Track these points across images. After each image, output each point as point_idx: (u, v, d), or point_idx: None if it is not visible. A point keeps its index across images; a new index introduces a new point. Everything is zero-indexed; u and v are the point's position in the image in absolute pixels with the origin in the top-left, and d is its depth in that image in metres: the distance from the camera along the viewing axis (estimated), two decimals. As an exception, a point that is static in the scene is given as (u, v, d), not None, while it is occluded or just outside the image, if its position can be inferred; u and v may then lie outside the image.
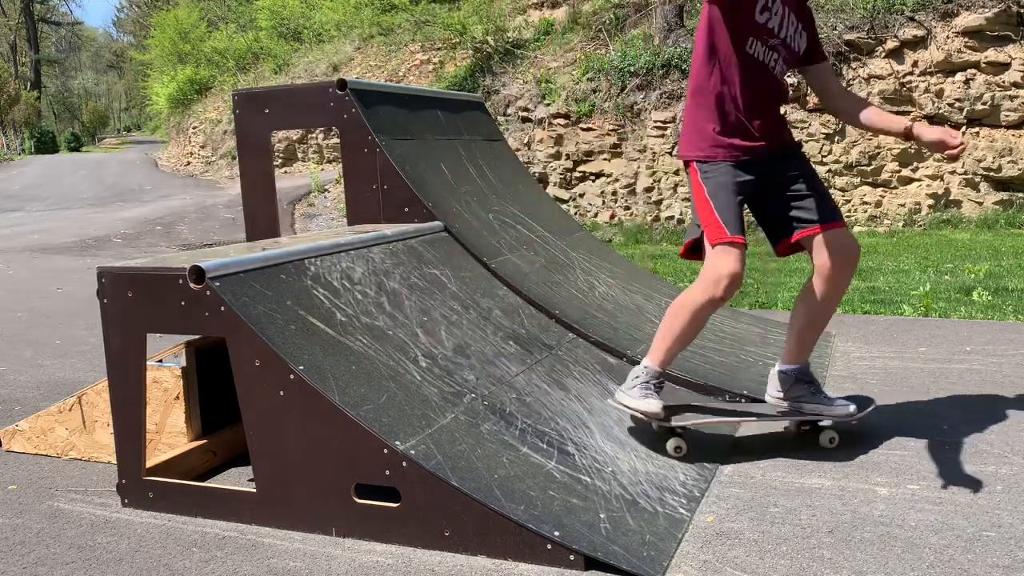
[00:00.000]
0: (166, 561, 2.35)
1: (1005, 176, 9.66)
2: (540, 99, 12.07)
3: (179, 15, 29.65)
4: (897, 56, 9.99)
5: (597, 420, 2.99)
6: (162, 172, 23.69)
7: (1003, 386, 3.66)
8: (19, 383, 4.35)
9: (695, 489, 2.65)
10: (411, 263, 3.38)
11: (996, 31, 9.61)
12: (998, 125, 9.70)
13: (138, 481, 2.71)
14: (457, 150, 4.60)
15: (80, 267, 8.84)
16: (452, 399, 2.71)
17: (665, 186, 11.09)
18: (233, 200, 14.90)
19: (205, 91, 25.72)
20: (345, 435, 2.39)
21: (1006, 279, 6.33)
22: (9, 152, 35.11)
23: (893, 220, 10.04)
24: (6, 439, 3.35)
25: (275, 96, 4.00)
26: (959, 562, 2.16)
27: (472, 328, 3.21)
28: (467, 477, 2.34)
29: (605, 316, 3.98)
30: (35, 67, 55.89)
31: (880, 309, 5.44)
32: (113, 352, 2.69)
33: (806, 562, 2.20)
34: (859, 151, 10.10)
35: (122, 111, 71.77)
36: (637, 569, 2.15)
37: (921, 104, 9.87)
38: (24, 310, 6.47)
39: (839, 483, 2.70)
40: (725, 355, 3.93)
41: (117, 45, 69.78)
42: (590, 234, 5.32)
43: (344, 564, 2.29)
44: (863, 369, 4.01)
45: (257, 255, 2.75)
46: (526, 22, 14.65)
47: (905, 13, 10.02)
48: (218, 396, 3.19)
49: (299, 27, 22.65)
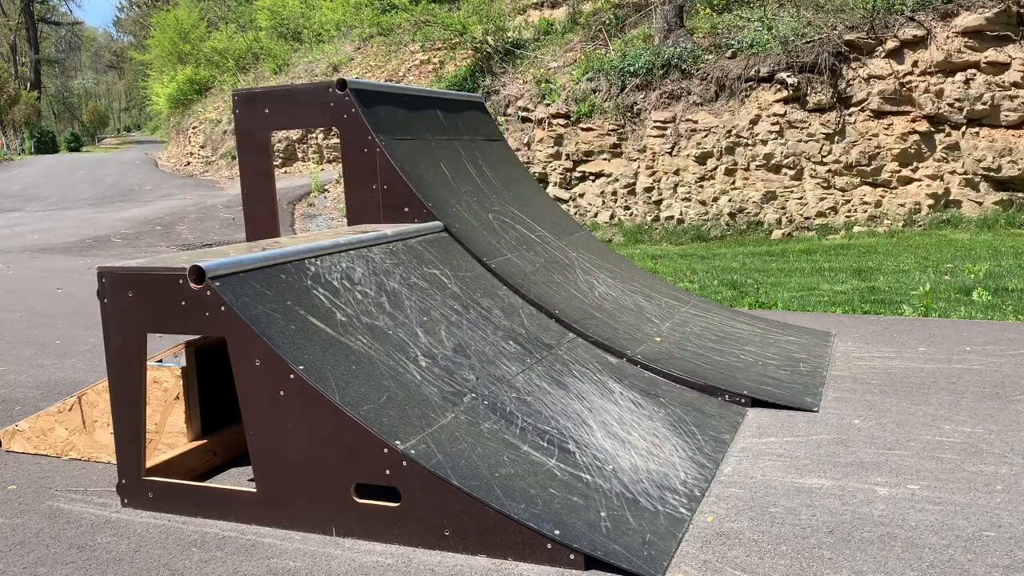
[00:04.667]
0: (166, 561, 2.35)
1: (1005, 176, 9.66)
2: (540, 99, 12.07)
3: (179, 15, 29.65)
4: (897, 56, 9.99)
5: (598, 418, 2.99)
6: (162, 172, 23.69)
7: (1003, 386, 3.66)
8: (19, 383, 4.35)
9: (695, 488, 2.65)
10: (411, 263, 3.38)
11: (996, 31, 9.61)
12: (998, 125, 9.70)
13: (138, 481, 2.71)
14: (457, 150, 4.60)
15: (80, 267, 8.84)
16: (452, 398, 2.71)
17: (665, 186, 11.09)
18: (233, 200, 14.90)
19: (205, 91, 25.73)
20: (345, 435, 2.39)
21: (1006, 279, 6.33)
22: (9, 152, 35.11)
23: (893, 220, 10.04)
24: (6, 439, 3.35)
25: (275, 96, 4.00)
26: (959, 562, 2.16)
27: (472, 328, 3.21)
28: (467, 476, 2.34)
29: (605, 316, 3.98)
30: (35, 67, 55.87)
31: (880, 309, 5.44)
32: (113, 352, 2.69)
33: (806, 562, 2.20)
34: (859, 151, 10.09)
35: (122, 111, 71.76)
36: (637, 568, 2.15)
37: (921, 104, 9.87)
38: (24, 310, 6.47)
39: (839, 483, 2.70)
40: (725, 355, 3.93)
41: (117, 45, 69.75)
42: (590, 234, 5.32)
43: (344, 564, 2.29)
44: (863, 369, 4.01)
45: (257, 255, 2.75)
46: (526, 22, 14.65)
47: (905, 13, 10.02)
48: (218, 396, 3.19)
49: (299, 27, 22.65)
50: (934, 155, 9.95)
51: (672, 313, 4.41)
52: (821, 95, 10.19)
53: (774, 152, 10.37)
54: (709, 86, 10.92)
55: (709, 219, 10.76)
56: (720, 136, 10.70)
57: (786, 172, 10.41)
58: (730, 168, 10.67)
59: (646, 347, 3.77)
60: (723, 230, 10.56)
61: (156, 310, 2.60)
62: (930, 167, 9.98)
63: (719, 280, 6.90)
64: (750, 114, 10.52)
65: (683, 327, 4.22)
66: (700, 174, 10.90)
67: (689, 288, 6.48)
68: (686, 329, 4.21)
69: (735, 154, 10.61)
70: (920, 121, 9.92)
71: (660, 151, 11.15)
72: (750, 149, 10.49)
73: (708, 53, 11.25)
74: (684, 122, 10.97)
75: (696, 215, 10.87)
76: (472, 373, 2.93)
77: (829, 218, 10.31)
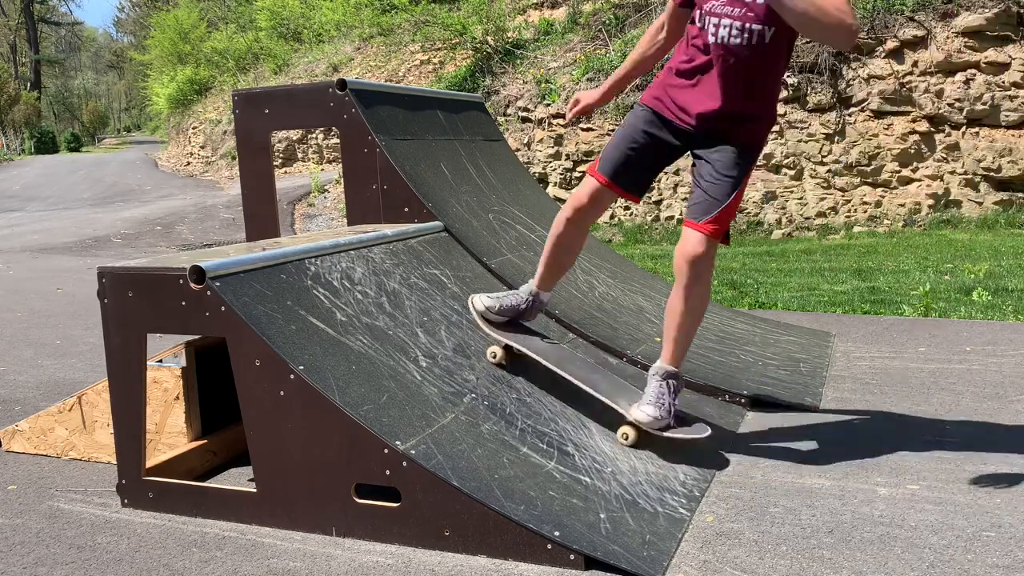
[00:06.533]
0: (166, 561, 2.35)
1: (1005, 176, 9.66)
2: (540, 99, 12.07)
3: (179, 15, 29.67)
4: (897, 56, 9.99)
5: (597, 421, 2.99)
6: (162, 172, 23.70)
7: (1003, 386, 3.66)
8: (19, 383, 4.35)
9: (695, 489, 2.65)
10: (411, 263, 3.38)
11: (996, 31, 9.61)
12: (998, 125, 9.70)
13: (138, 481, 2.71)
14: (457, 150, 4.60)
15: (80, 267, 8.84)
16: (452, 399, 2.71)
17: (665, 186, 11.09)
18: (233, 200, 14.91)
19: (205, 91, 25.75)
20: (345, 435, 2.39)
21: (1006, 279, 6.33)
22: (9, 152, 35.12)
23: (893, 220, 10.04)
24: (6, 439, 3.35)
25: (275, 96, 4.00)
26: (959, 562, 2.16)
27: (472, 328, 3.21)
28: (467, 477, 2.34)
29: (605, 316, 3.98)
30: (35, 67, 55.90)
31: (880, 309, 5.44)
32: (113, 352, 2.69)
33: (806, 562, 2.20)
34: (859, 151, 10.10)
35: (122, 111, 71.79)
36: (637, 569, 2.15)
37: (921, 104, 9.87)
38: (24, 310, 6.47)
39: (839, 483, 2.70)
40: (725, 355, 3.93)
41: (117, 45, 69.78)
42: (590, 234, 5.31)
43: (344, 564, 2.29)
44: (863, 369, 4.01)
45: (257, 255, 2.75)
46: (526, 22, 14.65)
47: (905, 13, 10.02)
48: (218, 396, 3.19)
49: (299, 27, 22.66)
50: (934, 155, 9.95)
51: (672, 313, 4.40)
52: (821, 95, 10.19)
53: (774, 152, 10.38)
54: (709, 86, 10.91)
55: (709, 219, 10.75)
56: (720, 136, 10.68)
57: (786, 172, 10.41)
58: (730, 168, 10.65)
59: (646, 347, 3.77)
60: (723, 230, 10.54)
61: (156, 310, 2.60)
62: (930, 167, 9.98)
63: (719, 280, 6.90)
64: (750, 114, 10.51)
65: (683, 327, 4.22)
66: (700, 174, 10.88)
67: (689, 288, 6.46)
68: (686, 329, 4.20)
69: (735, 154, 10.60)
70: (920, 121, 9.92)
71: (660, 151, 11.14)
72: (750, 149, 10.47)
73: (708, 53, 11.23)
74: (684, 122, 10.96)
75: (696, 215, 10.85)
76: (472, 373, 2.93)
77: (829, 218, 10.31)
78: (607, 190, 2.91)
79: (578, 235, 3.03)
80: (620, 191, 2.91)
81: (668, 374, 2.87)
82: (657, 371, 2.89)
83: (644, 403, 2.85)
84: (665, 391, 2.85)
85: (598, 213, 3.00)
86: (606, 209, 3.13)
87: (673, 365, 2.88)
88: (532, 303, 3.15)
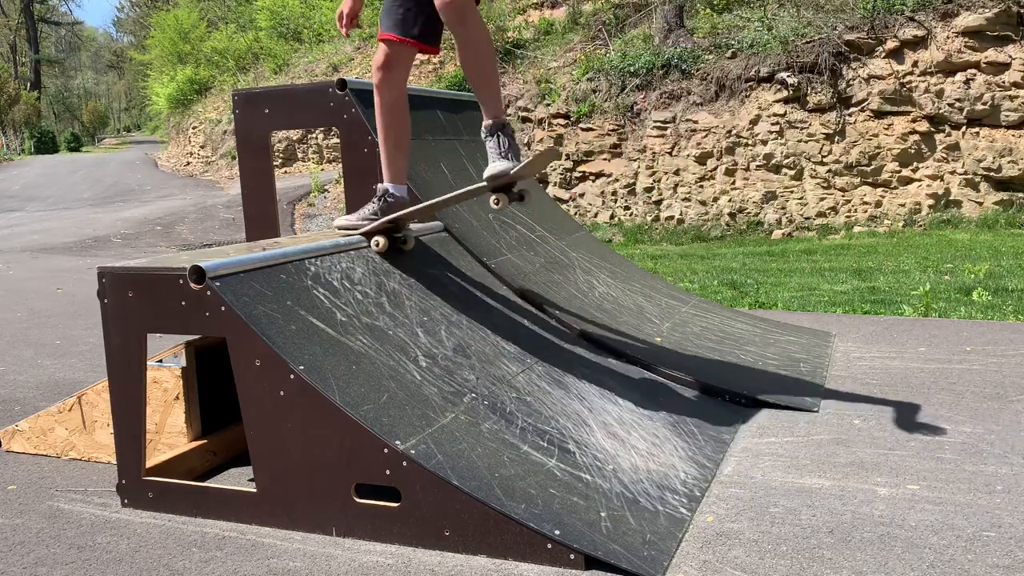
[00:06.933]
0: (166, 561, 2.35)
1: (1005, 176, 9.66)
2: (540, 99, 12.07)
3: (179, 15, 29.67)
4: (897, 56, 9.99)
5: (598, 419, 2.99)
6: (162, 172, 23.70)
7: (1003, 386, 3.66)
8: (19, 383, 4.35)
9: (696, 489, 2.65)
10: (411, 263, 3.38)
11: (996, 31, 9.62)
12: (998, 125, 9.70)
13: (138, 481, 2.71)
14: (457, 150, 4.60)
15: (80, 267, 8.84)
16: (452, 399, 2.71)
17: (665, 186, 11.09)
18: (233, 200, 14.91)
19: (205, 91, 25.74)
20: (345, 435, 2.39)
21: (1006, 279, 6.33)
22: (9, 152, 35.12)
23: (893, 220, 10.04)
24: (6, 439, 3.35)
25: (275, 96, 4.00)
26: (959, 562, 2.16)
27: (472, 328, 3.21)
28: (467, 476, 2.34)
29: (605, 316, 3.98)
30: (35, 67, 55.90)
31: (880, 309, 5.44)
32: (113, 352, 2.69)
33: (806, 562, 2.20)
34: (859, 151, 10.10)
35: (122, 111, 71.79)
36: (638, 569, 2.15)
37: (921, 104, 9.87)
38: (24, 310, 6.47)
39: (839, 483, 2.70)
40: (725, 355, 3.93)
41: (117, 45, 69.79)
42: (590, 234, 5.32)
43: (344, 564, 2.29)
44: (863, 369, 4.01)
45: (257, 255, 2.75)
46: (526, 22, 14.65)
47: (905, 13, 10.02)
48: (218, 396, 3.19)
49: (299, 27, 22.66)
50: (934, 155, 9.95)
51: (672, 313, 4.41)
52: (821, 95, 10.19)
53: (774, 152, 10.38)
54: (709, 86, 10.92)
55: (709, 219, 10.76)
56: (720, 136, 10.70)
57: (786, 172, 10.41)
58: (730, 168, 10.67)
59: (647, 347, 3.77)
60: (723, 230, 10.56)
61: (156, 310, 2.60)
62: (930, 167, 9.98)
63: (719, 280, 6.90)
64: (750, 114, 10.53)
65: (683, 327, 4.23)
66: (700, 174, 10.90)
67: (689, 288, 6.48)
68: (686, 329, 4.21)
69: (735, 154, 10.62)
70: (920, 121, 9.92)
71: (660, 151, 11.15)
72: (750, 149, 10.49)
73: (708, 53, 11.25)
74: (684, 122, 10.98)
75: (696, 215, 10.87)
76: (472, 373, 2.93)
77: (829, 218, 10.31)
78: (403, 47, 3.12)
79: (398, 100, 3.21)
80: (412, 42, 3.13)
81: (499, 126, 3.07)
82: (488, 130, 3.07)
83: (494, 161, 3.03)
84: (507, 141, 3.05)
85: (404, 74, 3.21)
86: (409, 69, 3.30)
87: (498, 118, 3.08)
88: (388, 200, 3.29)
